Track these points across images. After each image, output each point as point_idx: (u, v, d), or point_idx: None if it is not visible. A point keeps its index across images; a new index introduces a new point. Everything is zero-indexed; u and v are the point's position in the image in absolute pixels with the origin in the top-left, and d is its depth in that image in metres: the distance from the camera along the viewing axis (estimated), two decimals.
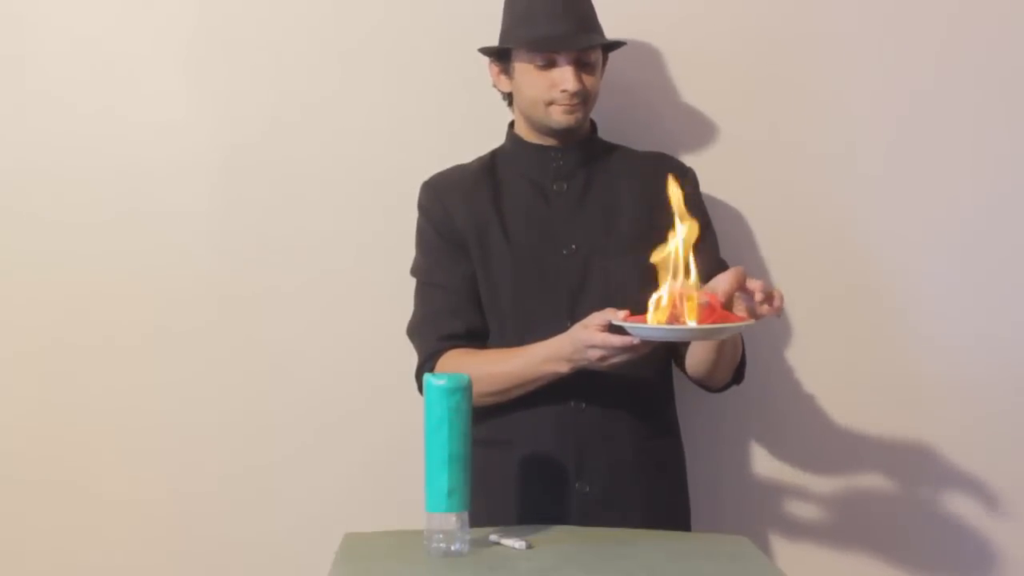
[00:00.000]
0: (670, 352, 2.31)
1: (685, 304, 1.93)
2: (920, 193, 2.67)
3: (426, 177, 2.40)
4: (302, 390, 2.64)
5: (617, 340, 2.02)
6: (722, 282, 2.01)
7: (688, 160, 2.50)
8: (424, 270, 2.35)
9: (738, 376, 2.33)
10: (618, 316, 2.01)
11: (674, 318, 1.94)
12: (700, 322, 1.92)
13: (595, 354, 2.06)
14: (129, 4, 2.60)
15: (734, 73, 2.64)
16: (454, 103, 2.61)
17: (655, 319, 1.96)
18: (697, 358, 2.25)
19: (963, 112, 2.67)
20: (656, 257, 1.98)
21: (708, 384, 2.32)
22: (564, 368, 2.14)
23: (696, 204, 2.37)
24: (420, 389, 2.27)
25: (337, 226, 2.63)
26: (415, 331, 2.33)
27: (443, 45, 2.61)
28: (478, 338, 2.30)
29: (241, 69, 2.61)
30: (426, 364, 2.28)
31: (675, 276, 1.95)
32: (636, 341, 2.00)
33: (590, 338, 2.05)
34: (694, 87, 2.64)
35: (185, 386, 2.63)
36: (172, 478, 2.63)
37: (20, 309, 2.61)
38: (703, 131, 2.64)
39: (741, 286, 2.02)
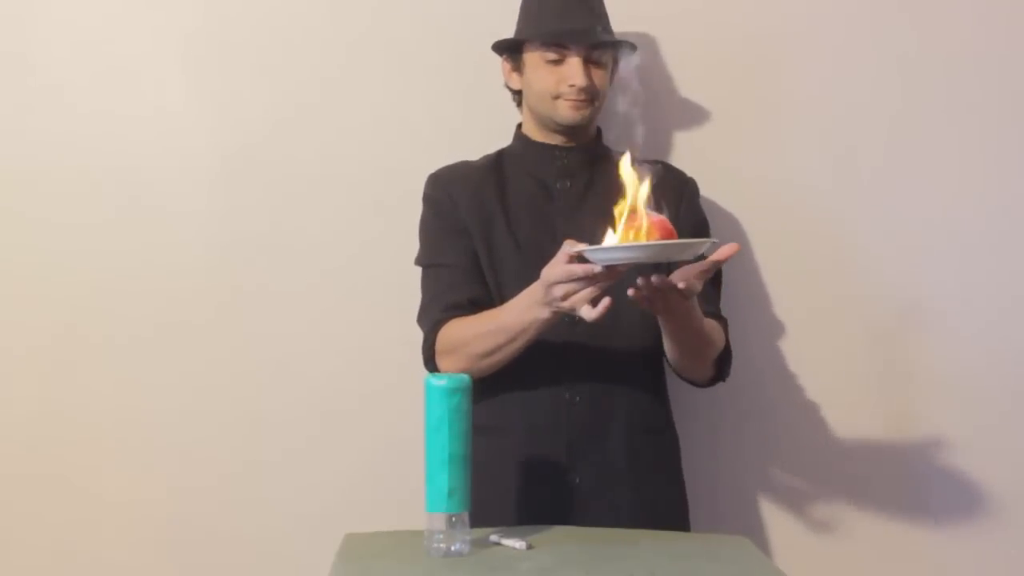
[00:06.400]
0: (659, 341, 2.28)
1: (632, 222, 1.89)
2: (919, 195, 2.67)
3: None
4: (302, 389, 2.64)
5: (579, 269, 1.94)
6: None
7: (686, 165, 2.49)
8: (426, 254, 2.34)
9: (722, 370, 2.31)
10: (577, 246, 1.93)
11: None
12: (650, 238, 1.86)
13: (559, 291, 1.97)
14: (129, 4, 2.60)
15: (733, 75, 2.65)
16: (456, 104, 2.61)
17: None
18: (670, 340, 2.20)
19: (966, 112, 2.67)
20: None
21: (691, 375, 2.30)
22: (544, 313, 2.06)
23: (695, 211, 2.39)
24: (426, 364, 2.26)
25: (338, 225, 2.63)
26: (422, 313, 2.31)
27: (446, 44, 2.61)
28: (482, 307, 2.26)
29: (241, 68, 2.61)
30: (429, 336, 2.26)
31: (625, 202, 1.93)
32: (598, 269, 1.92)
33: (552, 274, 1.98)
34: (693, 89, 2.64)
35: (184, 384, 2.63)
36: (172, 477, 2.63)
37: (19, 307, 2.61)
38: (701, 135, 2.64)
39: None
